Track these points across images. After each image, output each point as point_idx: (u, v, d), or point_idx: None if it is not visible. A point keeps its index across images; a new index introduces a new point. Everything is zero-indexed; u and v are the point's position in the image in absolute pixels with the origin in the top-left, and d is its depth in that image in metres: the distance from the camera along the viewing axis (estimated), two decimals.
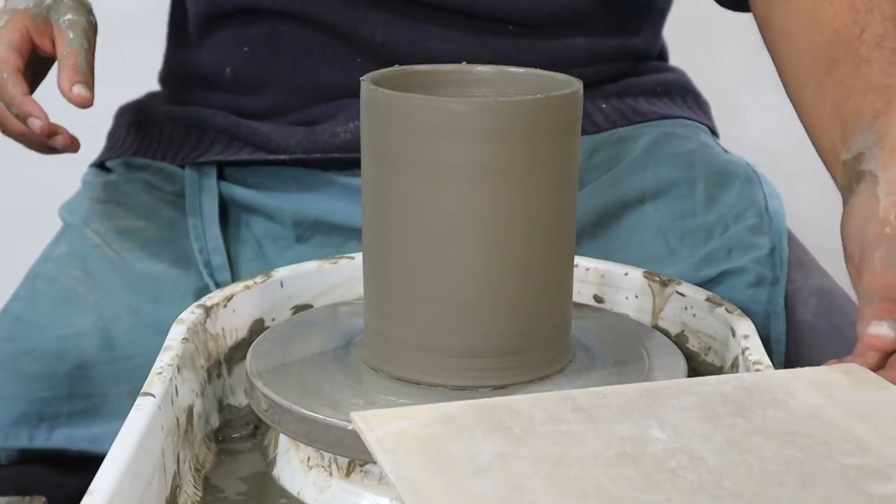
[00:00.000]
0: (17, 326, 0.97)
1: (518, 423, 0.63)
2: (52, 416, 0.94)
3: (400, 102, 0.72)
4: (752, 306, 0.93)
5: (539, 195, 0.73)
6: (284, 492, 0.76)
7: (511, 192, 0.72)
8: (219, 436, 0.83)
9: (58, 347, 0.95)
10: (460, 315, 0.74)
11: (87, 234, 1.03)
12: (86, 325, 0.96)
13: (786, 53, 0.89)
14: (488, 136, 0.71)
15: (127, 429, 0.68)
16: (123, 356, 0.95)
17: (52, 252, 1.04)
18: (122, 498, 0.63)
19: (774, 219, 0.98)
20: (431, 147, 0.72)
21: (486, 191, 0.72)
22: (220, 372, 0.86)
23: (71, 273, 1.00)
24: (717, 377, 0.68)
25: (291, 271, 0.91)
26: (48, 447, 0.93)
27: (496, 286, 0.73)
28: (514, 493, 0.57)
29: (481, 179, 0.72)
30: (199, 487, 0.76)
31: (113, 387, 0.95)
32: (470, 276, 0.73)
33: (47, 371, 0.94)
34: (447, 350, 0.74)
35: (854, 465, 0.60)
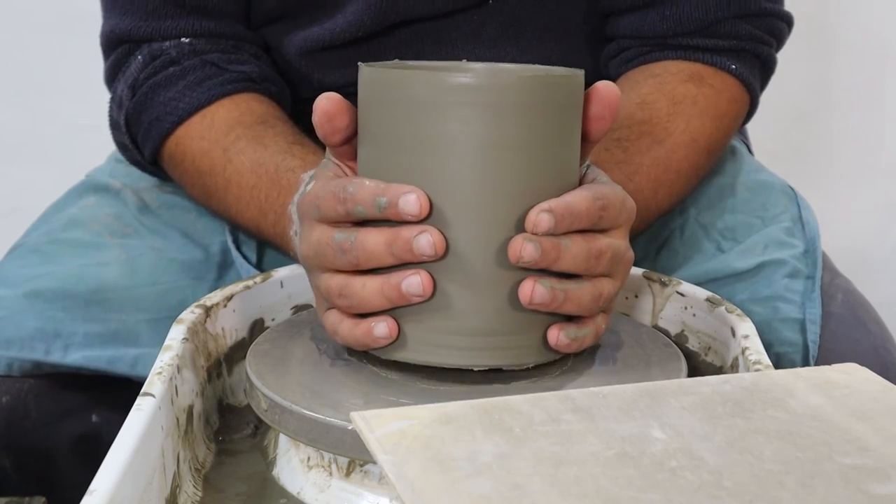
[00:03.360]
0: (37, 256, 0.98)
1: (518, 424, 0.63)
2: (68, 335, 0.94)
3: (400, 79, 0.72)
4: (788, 294, 0.95)
5: (543, 173, 0.73)
6: (284, 492, 0.76)
7: (515, 169, 0.72)
8: (219, 436, 0.83)
9: (78, 272, 0.96)
10: (462, 292, 0.73)
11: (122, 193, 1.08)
12: (108, 257, 0.99)
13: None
14: (491, 112, 0.71)
15: (127, 429, 0.68)
16: (145, 282, 0.97)
17: (77, 201, 1.08)
18: (122, 498, 0.63)
19: (808, 226, 1.04)
20: (433, 123, 0.71)
21: (490, 168, 0.71)
22: (220, 372, 0.86)
23: (99, 219, 1.03)
24: (717, 377, 0.68)
25: (291, 271, 0.91)
26: (64, 363, 0.93)
27: (499, 264, 0.72)
28: (515, 494, 0.57)
29: (484, 156, 0.71)
30: (199, 487, 0.76)
31: (132, 313, 0.95)
32: (472, 254, 0.72)
33: (65, 291, 0.95)
34: (448, 328, 0.73)
35: (854, 465, 0.60)
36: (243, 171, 0.96)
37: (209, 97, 1.02)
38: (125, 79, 1.05)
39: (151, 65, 1.04)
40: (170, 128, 1.02)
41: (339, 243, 0.74)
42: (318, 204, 0.75)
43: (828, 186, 1.92)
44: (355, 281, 0.74)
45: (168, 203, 1.07)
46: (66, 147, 1.87)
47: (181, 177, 1.04)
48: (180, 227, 1.05)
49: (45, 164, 1.85)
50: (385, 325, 0.74)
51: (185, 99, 1.02)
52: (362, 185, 0.73)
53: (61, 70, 1.90)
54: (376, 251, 0.73)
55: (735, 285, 0.96)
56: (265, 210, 0.95)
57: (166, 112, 1.02)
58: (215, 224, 1.05)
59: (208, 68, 1.03)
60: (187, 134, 1.02)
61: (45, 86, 1.92)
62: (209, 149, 0.99)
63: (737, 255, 0.99)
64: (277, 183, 0.94)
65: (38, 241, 1.02)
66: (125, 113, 1.05)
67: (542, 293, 0.72)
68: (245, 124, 1.00)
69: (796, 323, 0.94)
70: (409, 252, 0.72)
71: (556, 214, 0.71)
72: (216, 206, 1.01)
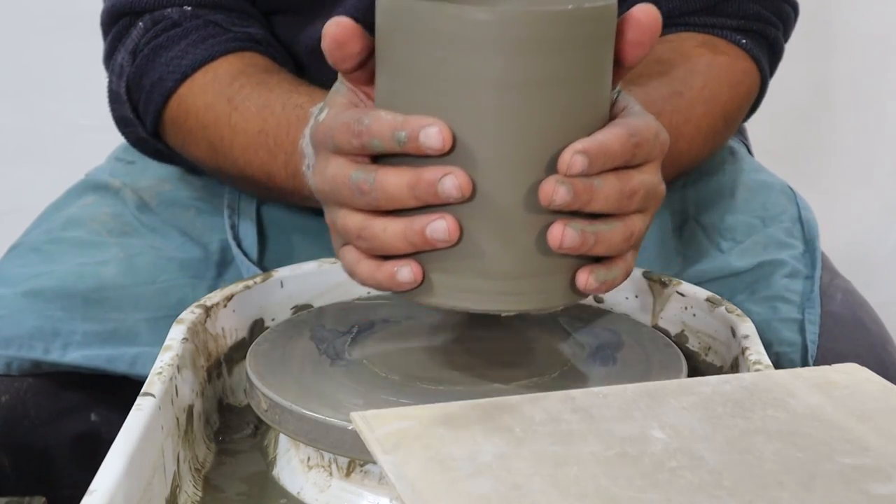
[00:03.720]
0: (36, 255, 0.98)
1: (518, 424, 0.63)
2: (67, 334, 0.93)
3: (423, 11, 0.68)
4: (787, 294, 0.96)
5: (571, 112, 0.69)
6: (284, 492, 0.76)
7: (545, 107, 0.68)
8: (219, 436, 0.83)
9: (77, 270, 0.96)
10: (489, 236, 0.69)
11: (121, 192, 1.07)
12: (108, 256, 0.98)
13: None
14: (517, 49, 0.67)
15: (127, 429, 0.67)
16: (144, 281, 0.97)
17: (76, 201, 1.07)
18: (122, 498, 0.63)
19: (808, 226, 1.03)
20: (458, 60, 0.67)
21: (518, 106, 0.68)
22: (220, 372, 0.86)
23: (98, 218, 1.03)
24: (717, 377, 0.68)
25: (291, 271, 0.91)
26: (63, 362, 0.93)
27: (528, 207, 0.69)
28: (515, 494, 0.57)
29: (509, 94, 0.68)
30: (199, 487, 0.76)
31: (131, 312, 0.95)
32: (500, 196, 0.69)
33: (64, 290, 0.95)
34: (475, 272, 0.70)
35: (854, 465, 0.60)
36: (248, 116, 0.93)
37: (212, 53, 0.98)
38: (125, 47, 1.02)
39: (153, 29, 1.01)
40: (172, 86, 0.98)
41: (357, 183, 0.70)
42: (333, 135, 0.71)
43: (828, 186, 1.92)
44: (375, 223, 0.70)
45: (167, 201, 1.07)
46: (66, 147, 1.87)
47: (185, 139, 1.00)
48: (179, 226, 1.04)
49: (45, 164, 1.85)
50: (409, 269, 0.70)
51: (188, 56, 0.99)
52: (379, 118, 0.69)
53: (61, 70, 1.90)
54: (398, 193, 0.69)
55: (735, 285, 0.96)
56: (275, 151, 0.91)
57: (169, 71, 0.99)
58: (215, 222, 1.05)
59: (211, 28, 1.00)
60: (190, 91, 0.98)
61: (45, 86, 1.91)
62: (213, 101, 0.96)
63: (737, 255, 0.99)
64: (286, 121, 0.90)
65: (38, 241, 1.02)
66: (126, 80, 1.01)
67: (572, 237, 0.69)
68: (249, 74, 0.97)
69: (795, 323, 0.94)
70: (433, 195, 0.68)
71: (589, 155, 0.68)
72: (223, 162, 0.97)
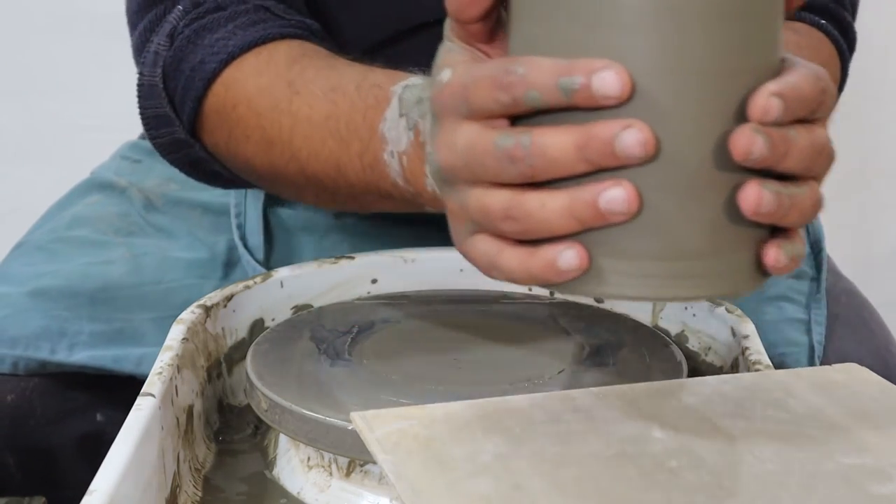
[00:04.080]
0: (42, 253, 0.98)
1: (518, 423, 0.63)
2: (73, 334, 0.93)
3: None
4: (792, 295, 0.95)
5: (760, 47, 0.58)
6: (284, 492, 0.76)
7: (701, 43, 0.57)
8: (219, 436, 0.83)
9: (83, 270, 0.96)
10: (669, 204, 0.58)
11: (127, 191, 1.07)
12: (114, 255, 0.98)
13: None
14: None
15: (127, 429, 0.67)
16: (151, 281, 0.96)
17: (81, 199, 1.07)
18: (122, 498, 0.63)
19: (813, 227, 1.02)
20: None
21: (669, 41, 0.56)
22: (220, 372, 0.86)
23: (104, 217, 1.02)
24: (717, 377, 0.68)
25: (291, 271, 0.91)
26: (69, 362, 0.92)
27: (716, 165, 0.57)
28: (515, 494, 0.57)
29: (663, 25, 0.56)
30: (199, 487, 0.76)
31: (138, 312, 0.95)
32: (683, 153, 0.57)
33: (70, 290, 0.94)
34: (650, 251, 0.58)
35: (854, 464, 0.60)
36: (314, 100, 0.80)
37: (265, 35, 0.86)
38: (161, 32, 0.89)
39: (194, 11, 0.88)
40: (217, 68, 0.86)
41: (506, 150, 0.57)
42: (468, 95, 0.59)
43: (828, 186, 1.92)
44: (529, 199, 0.57)
45: (174, 201, 1.07)
46: (66, 147, 1.87)
47: (231, 131, 0.86)
48: (186, 226, 1.04)
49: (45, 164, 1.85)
50: (573, 252, 0.58)
51: (236, 38, 0.86)
52: (537, 63, 0.56)
53: (61, 70, 1.90)
54: (563, 157, 0.56)
55: None
56: (347, 139, 0.78)
57: (213, 52, 0.86)
58: (221, 222, 1.04)
59: (262, 12, 0.88)
60: (239, 74, 0.86)
61: (45, 86, 1.91)
62: (269, 85, 0.84)
63: None
64: (362, 103, 0.77)
65: (43, 239, 1.01)
66: (162, 65, 0.88)
67: (769, 200, 0.57)
68: (311, 56, 0.84)
69: (801, 324, 0.94)
70: (610, 155, 0.56)
71: (785, 99, 0.57)
72: (279, 157, 0.84)
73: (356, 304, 0.89)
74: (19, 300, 0.94)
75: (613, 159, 0.55)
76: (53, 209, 1.08)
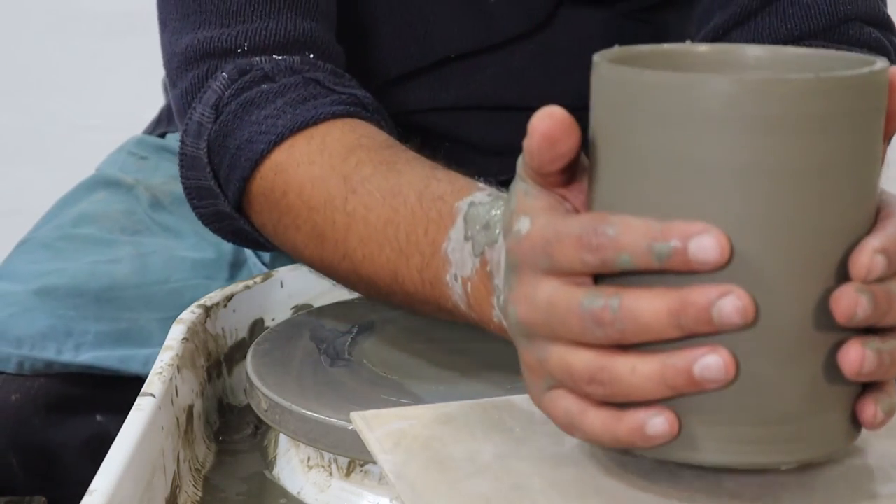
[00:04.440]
0: (47, 251, 0.98)
1: (518, 423, 0.63)
2: (80, 334, 0.93)
3: (661, 83, 0.54)
4: None
5: (834, 205, 0.55)
6: (284, 492, 0.76)
7: (797, 201, 0.54)
8: (219, 436, 0.83)
9: (89, 269, 0.95)
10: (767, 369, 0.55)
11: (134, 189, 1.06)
12: (120, 254, 0.97)
13: None
14: (768, 127, 0.53)
15: (127, 429, 0.67)
16: (157, 281, 0.96)
17: (87, 196, 1.06)
18: (122, 498, 0.63)
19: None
20: (689, 141, 0.54)
21: (764, 200, 0.54)
22: (220, 372, 0.86)
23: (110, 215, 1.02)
24: None
25: (291, 271, 0.91)
26: (76, 363, 0.92)
27: (816, 326, 0.55)
28: (515, 494, 0.57)
29: (758, 184, 0.54)
30: (199, 487, 0.76)
31: (144, 312, 0.94)
32: (780, 316, 0.55)
33: (76, 289, 0.94)
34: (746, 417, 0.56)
35: (854, 464, 0.60)
36: (372, 203, 0.76)
37: (317, 115, 0.82)
38: (205, 100, 0.85)
39: (240, 80, 0.84)
40: (265, 149, 0.81)
41: (593, 312, 0.54)
42: (552, 252, 0.56)
43: None
44: (619, 363, 0.54)
45: (181, 200, 1.04)
46: (66, 147, 1.87)
47: (280, 218, 0.82)
48: (193, 226, 1.02)
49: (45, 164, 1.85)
50: (663, 419, 0.54)
51: (287, 116, 0.82)
52: (630, 225, 0.54)
53: (61, 70, 1.90)
54: (655, 323, 0.53)
55: None
56: (407, 252, 0.73)
57: (261, 132, 0.82)
58: None
59: (312, 87, 0.84)
60: (290, 159, 0.81)
61: (45, 86, 1.92)
62: (323, 176, 0.79)
63: None
64: (423, 216, 0.72)
65: (49, 237, 1.01)
66: (207, 138, 0.84)
67: (871, 360, 0.54)
68: (368, 147, 0.80)
69: None
70: (706, 323, 0.53)
71: (889, 255, 0.54)
72: (331, 254, 0.79)
73: (356, 304, 0.89)
74: (25, 298, 0.94)
75: (710, 327, 0.53)
76: (59, 205, 1.08)
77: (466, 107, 1.02)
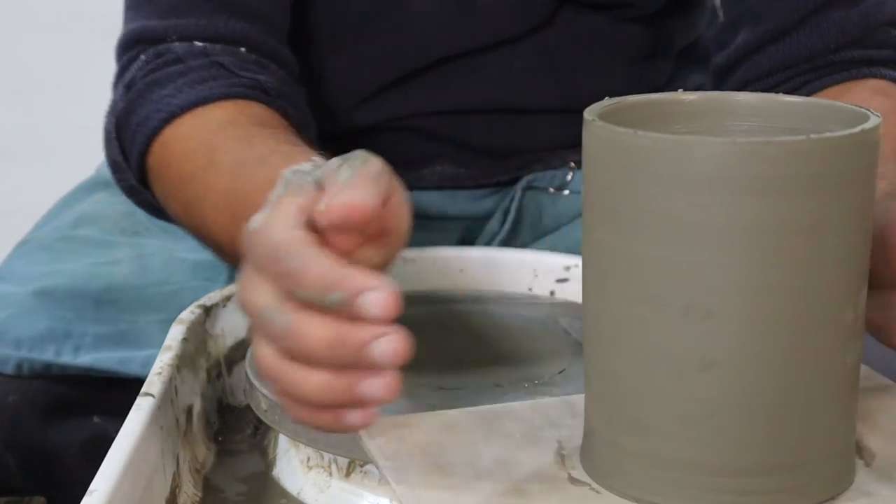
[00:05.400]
0: (46, 253, 0.98)
1: (518, 429, 0.63)
2: (79, 335, 0.93)
3: (651, 145, 0.55)
4: None
5: (824, 264, 0.56)
6: (284, 492, 0.76)
7: (787, 260, 0.55)
8: (219, 436, 0.83)
9: (88, 270, 0.95)
10: (733, 419, 0.56)
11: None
12: (119, 255, 0.97)
13: None
14: (760, 188, 0.54)
15: (127, 429, 0.68)
16: (156, 282, 0.96)
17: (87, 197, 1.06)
18: (121, 498, 0.63)
19: None
20: (680, 201, 0.55)
21: (754, 259, 0.55)
22: (220, 372, 0.86)
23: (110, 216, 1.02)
24: None
25: None
26: (75, 364, 0.92)
27: (779, 381, 0.56)
28: (515, 500, 0.57)
29: (747, 244, 0.55)
30: (199, 487, 0.76)
31: (143, 314, 0.94)
32: (747, 369, 0.56)
33: (75, 290, 0.94)
34: (711, 467, 0.57)
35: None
36: (223, 172, 0.81)
37: (208, 95, 0.87)
38: (122, 80, 0.92)
39: (154, 62, 0.90)
40: (158, 126, 0.87)
41: (265, 324, 0.57)
42: (256, 254, 0.58)
43: None
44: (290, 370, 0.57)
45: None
46: (66, 147, 1.87)
47: (165, 190, 0.88)
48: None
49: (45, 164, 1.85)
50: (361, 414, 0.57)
51: (181, 96, 0.87)
52: (311, 263, 0.55)
53: (61, 70, 1.90)
54: (317, 350, 0.55)
55: None
56: (238, 217, 0.75)
57: (157, 109, 0.88)
58: None
59: (216, 69, 0.89)
60: (175, 135, 0.87)
61: (45, 86, 1.92)
62: (196, 150, 0.84)
63: None
64: (255, 184, 0.76)
65: (48, 238, 1.01)
66: (116, 116, 0.91)
67: None
68: (238, 124, 0.85)
69: None
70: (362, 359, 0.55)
71: None
72: (196, 221, 0.85)
73: None
74: (23, 300, 0.93)
75: (365, 363, 0.55)
76: (58, 206, 1.08)
77: (467, 110, 1.02)
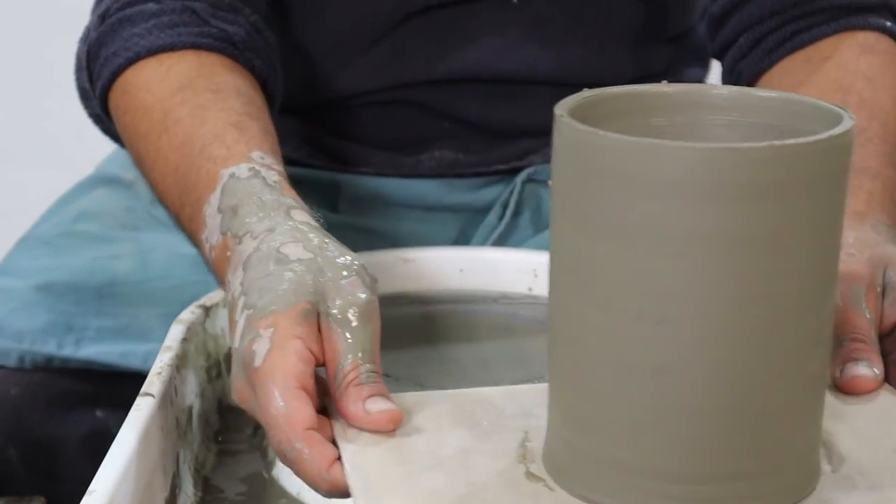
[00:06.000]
0: (48, 248, 0.98)
1: (488, 417, 0.62)
2: (80, 329, 0.92)
3: (612, 146, 0.54)
4: None
5: (784, 273, 0.55)
6: (284, 492, 0.76)
7: (745, 268, 0.54)
8: (219, 436, 0.83)
9: (90, 265, 0.95)
10: (685, 426, 0.56)
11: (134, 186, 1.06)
12: (121, 250, 0.97)
13: None
14: (718, 195, 0.53)
15: (126, 429, 0.68)
16: (158, 277, 0.96)
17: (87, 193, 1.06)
18: (122, 498, 0.63)
19: None
20: (654, 208, 0.54)
21: (710, 266, 0.54)
22: (219, 372, 0.86)
23: (111, 212, 1.02)
24: None
25: None
26: (76, 357, 0.92)
27: (733, 389, 0.55)
28: (467, 492, 0.57)
29: (703, 251, 0.54)
30: (199, 488, 0.76)
31: (144, 308, 0.94)
32: (700, 376, 0.55)
33: (77, 285, 0.94)
34: (662, 472, 0.57)
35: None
36: (174, 144, 0.83)
37: (175, 42, 0.88)
38: (99, 9, 0.93)
39: None
40: (123, 64, 0.89)
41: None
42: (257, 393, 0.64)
43: None
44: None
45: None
46: (66, 147, 1.87)
47: (123, 133, 0.91)
48: None
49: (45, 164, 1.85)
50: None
51: (149, 37, 0.88)
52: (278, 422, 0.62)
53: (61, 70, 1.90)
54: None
55: None
56: (182, 201, 0.81)
57: (125, 48, 0.89)
58: None
59: (187, 15, 0.90)
60: (136, 81, 0.88)
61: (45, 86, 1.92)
62: (152, 107, 0.86)
63: None
64: (195, 175, 0.79)
65: (49, 233, 1.01)
66: (88, 45, 0.92)
67: None
68: (197, 88, 0.86)
69: None
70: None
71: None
72: (149, 178, 0.88)
73: None
74: (25, 294, 0.94)
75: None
76: (59, 203, 1.08)
77: (462, 79, 1.03)
